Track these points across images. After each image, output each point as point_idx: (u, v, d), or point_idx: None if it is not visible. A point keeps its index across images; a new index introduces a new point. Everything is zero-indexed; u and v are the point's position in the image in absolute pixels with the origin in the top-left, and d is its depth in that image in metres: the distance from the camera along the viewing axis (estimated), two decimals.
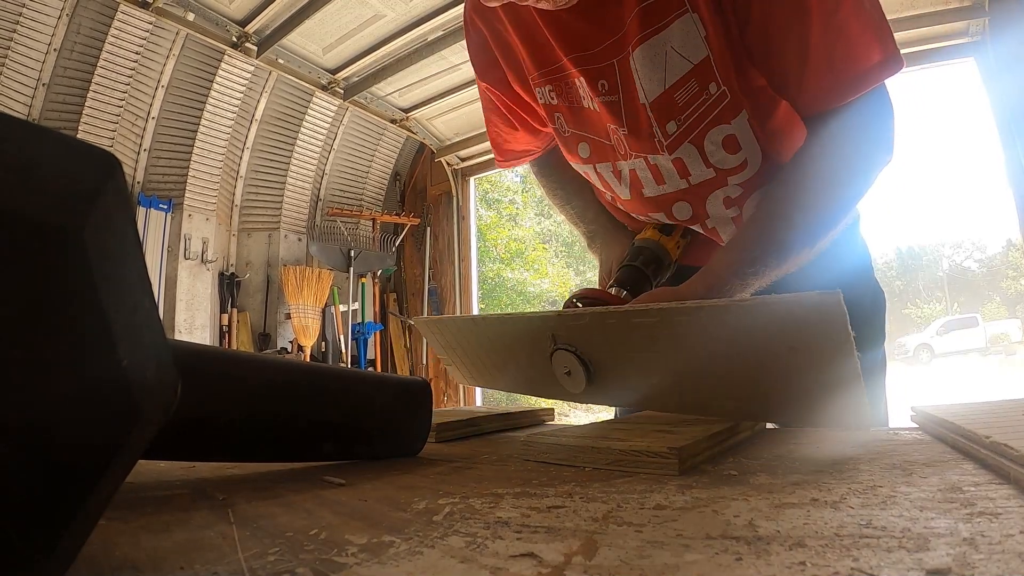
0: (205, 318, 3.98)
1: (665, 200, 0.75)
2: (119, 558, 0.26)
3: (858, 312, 0.81)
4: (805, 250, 0.61)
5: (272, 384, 0.44)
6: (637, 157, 0.72)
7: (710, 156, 0.69)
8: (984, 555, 0.21)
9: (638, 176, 0.74)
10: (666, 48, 0.63)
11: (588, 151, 0.77)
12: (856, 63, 0.60)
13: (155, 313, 0.23)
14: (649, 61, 0.64)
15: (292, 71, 3.95)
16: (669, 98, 0.65)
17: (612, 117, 0.70)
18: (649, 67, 0.64)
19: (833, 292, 0.36)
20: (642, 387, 0.56)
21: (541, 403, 0.89)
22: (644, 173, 0.73)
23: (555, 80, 0.74)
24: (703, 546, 0.24)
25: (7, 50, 3.15)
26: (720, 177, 0.70)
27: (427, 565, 0.24)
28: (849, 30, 0.59)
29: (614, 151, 0.74)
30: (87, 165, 0.19)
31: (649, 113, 0.67)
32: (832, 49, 0.59)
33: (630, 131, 0.69)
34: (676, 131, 0.67)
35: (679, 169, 0.71)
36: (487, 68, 0.84)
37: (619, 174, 0.76)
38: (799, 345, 0.41)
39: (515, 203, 12.41)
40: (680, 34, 0.62)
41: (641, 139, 0.69)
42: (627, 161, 0.73)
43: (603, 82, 0.68)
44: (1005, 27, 2.84)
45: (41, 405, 0.18)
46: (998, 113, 2.97)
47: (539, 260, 11.45)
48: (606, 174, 0.77)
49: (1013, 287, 31.00)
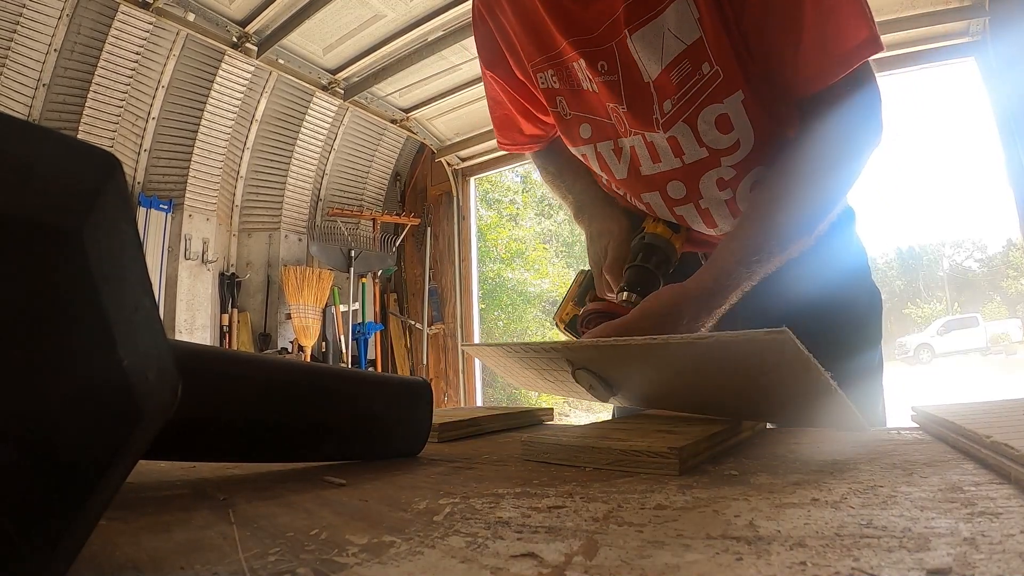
0: (205, 318, 3.98)
1: (660, 178, 0.76)
2: (120, 558, 0.26)
3: (854, 314, 0.83)
4: (805, 236, 0.63)
5: (273, 384, 0.44)
6: (636, 134, 0.74)
7: (703, 135, 0.71)
8: (985, 555, 0.21)
9: (636, 153, 0.76)
10: (663, 31, 0.66)
11: (589, 131, 0.79)
12: (846, 41, 0.63)
13: (155, 313, 0.23)
14: (649, 43, 0.67)
15: (292, 71, 3.95)
16: (665, 77, 0.68)
17: (612, 95, 0.72)
18: (649, 49, 0.67)
19: (781, 330, 0.37)
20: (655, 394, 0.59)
21: (541, 403, 0.90)
22: (642, 151, 0.75)
23: (556, 64, 0.76)
24: (704, 546, 0.24)
25: (7, 50, 3.16)
26: (713, 157, 0.72)
27: (428, 565, 0.24)
28: (840, 9, 0.62)
29: (615, 129, 0.76)
30: (87, 165, 0.19)
31: (652, 91, 0.70)
32: (824, 28, 0.62)
33: (629, 108, 0.72)
34: (671, 110, 0.70)
35: (673, 148, 0.73)
36: (495, 62, 0.86)
37: (620, 151, 0.78)
38: (767, 369, 0.43)
39: (515, 203, 12.41)
40: (675, 16, 0.65)
41: (639, 116, 0.72)
42: (627, 138, 0.75)
43: (603, 63, 0.71)
44: (1005, 27, 2.84)
45: (42, 406, 0.18)
46: (998, 113, 2.97)
47: (539, 260, 11.45)
48: (606, 153, 0.79)
49: (1014, 287, 31.00)
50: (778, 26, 0.63)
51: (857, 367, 0.80)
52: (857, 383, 0.79)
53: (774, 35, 0.64)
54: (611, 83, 0.71)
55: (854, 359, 0.80)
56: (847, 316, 0.81)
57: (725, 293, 0.61)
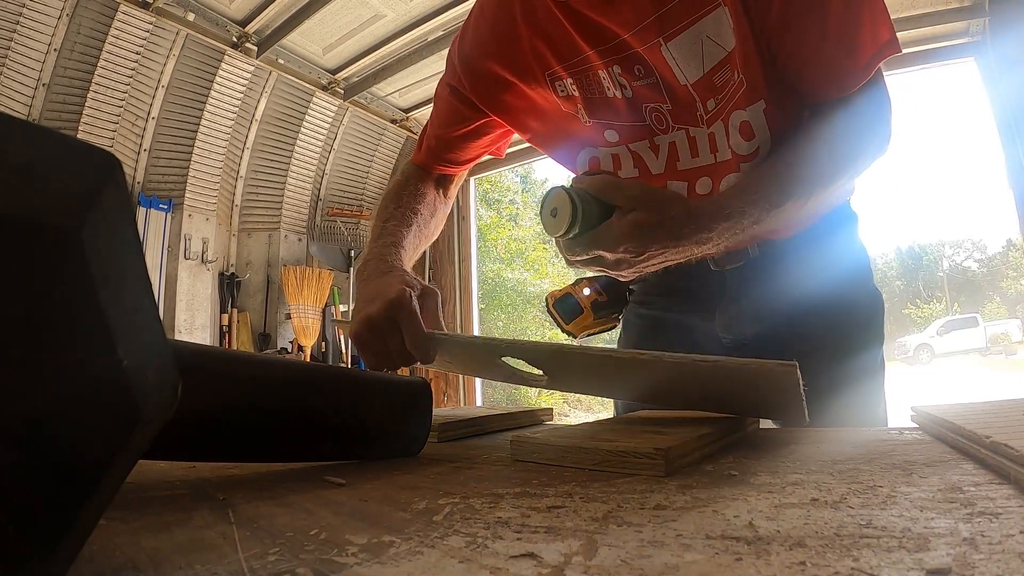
0: (205, 318, 3.97)
1: (694, 173, 0.77)
2: (120, 558, 0.26)
3: (856, 316, 0.84)
4: (800, 200, 0.64)
5: (273, 384, 0.44)
6: (680, 129, 0.75)
7: (730, 138, 0.73)
8: (984, 555, 0.21)
9: (676, 148, 0.77)
10: (701, 37, 0.67)
11: (616, 136, 0.79)
12: (866, 49, 0.64)
13: (155, 313, 0.23)
14: (686, 50, 0.68)
15: (292, 71, 3.95)
16: (709, 80, 0.70)
17: (654, 95, 0.73)
18: (687, 55, 0.68)
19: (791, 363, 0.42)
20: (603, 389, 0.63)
21: (541, 403, 0.90)
22: (683, 144, 0.76)
23: (577, 73, 0.76)
24: (703, 546, 0.24)
25: (7, 50, 3.15)
26: (735, 160, 0.73)
27: (427, 565, 0.24)
28: (862, 16, 0.63)
29: (650, 129, 0.77)
30: (87, 165, 0.19)
31: (692, 92, 0.71)
32: (844, 36, 0.64)
33: (674, 105, 0.73)
34: (714, 108, 0.72)
35: (711, 143, 0.74)
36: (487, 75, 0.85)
37: (657, 148, 0.78)
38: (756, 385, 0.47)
39: (515, 203, 12.41)
40: (714, 24, 0.66)
41: (685, 111, 0.73)
42: (667, 135, 0.76)
43: (639, 67, 0.72)
44: (1005, 27, 2.84)
45: (42, 406, 0.18)
46: (998, 113, 2.97)
47: (539, 260, 11.44)
48: (642, 151, 0.79)
49: (1013, 287, 31.00)
50: (800, 32, 0.65)
51: (858, 368, 0.81)
52: (858, 383, 0.80)
53: (796, 42, 0.66)
54: (651, 85, 0.72)
55: (855, 360, 0.81)
56: (849, 318, 0.82)
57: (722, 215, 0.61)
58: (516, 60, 0.79)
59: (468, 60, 0.84)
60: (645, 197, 0.60)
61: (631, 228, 0.59)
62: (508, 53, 0.79)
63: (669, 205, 0.61)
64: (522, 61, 0.79)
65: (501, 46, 0.80)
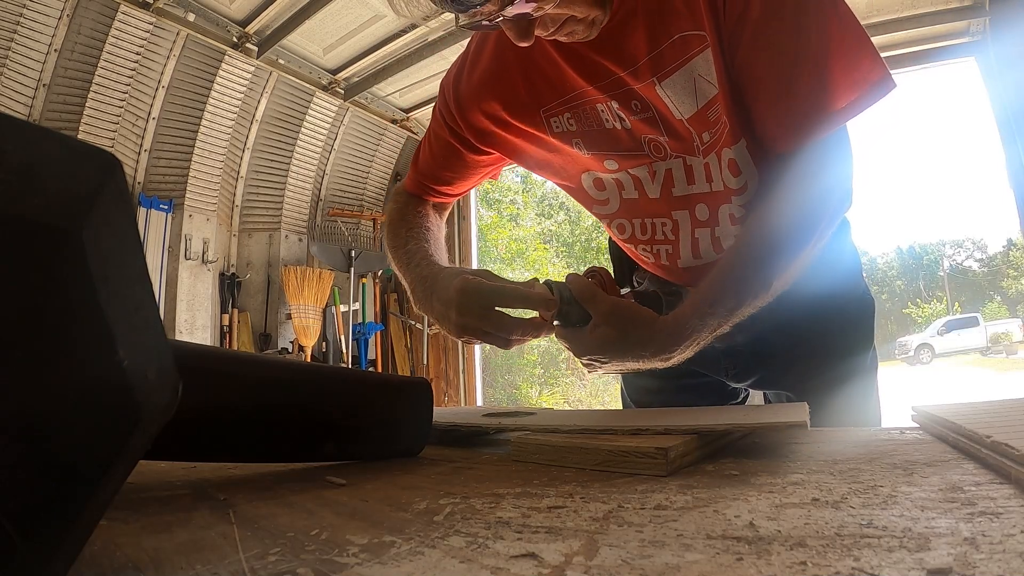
0: (206, 318, 3.98)
1: (690, 199, 0.79)
2: (121, 558, 0.26)
3: (846, 318, 0.87)
4: (763, 293, 0.66)
5: (273, 385, 0.44)
6: (676, 157, 0.77)
7: (722, 172, 0.75)
8: (985, 555, 0.21)
9: (672, 175, 0.78)
10: (694, 75, 0.68)
11: (616, 164, 0.80)
12: (832, 102, 0.64)
13: (156, 314, 0.23)
14: (680, 88, 0.70)
15: (293, 71, 3.95)
16: (703, 115, 0.71)
17: (651, 129, 0.75)
18: (681, 93, 0.70)
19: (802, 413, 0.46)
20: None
21: (542, 403, 0.90)
22: (679, 172, 0.78)
23: (574, 107, 0.77)
24: (704, 546, 0.24)
25: (8, 50, 3.16)
26: (726, 193, 0.76)
27: (428, 565, 0.24)
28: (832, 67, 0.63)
29: (649, 157, 0.78)
30: (87, 165, 0.19)
31: (687, 125, 0.73)
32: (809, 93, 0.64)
33: (671, 137, 0.75)
34: (709, 140, 0.74)
35: (707, 173, 0.76)
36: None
37: (654, 174, 0.80)
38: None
39: (516, 203, 12.41)
40: (704, 64, 0.68)
41: (682, 142, 0.75)
42: (665, 161, 0.78)
43: (635, 102, 0.73)
44: (1005, 27, 2.84)
45: (42, 406, 0.18)
46: (998, 112, 2.97)
47: (540, 260, 11.44)
48: (642, 175, 0.80)
49: (1014, 287, 30.99)
50: (763, 77, 0.66)
51: (850, 369, 0.85)
52: (851, 384, 0.84)
53: (758, 86, 0.67)
54: (649, 119, 0.74)
55: (847, 360, 0.85)
56: (840, 320, 0.85)
57: (684, 336, 0.64)
58: (511, 97, 0.80)
59: (462, 98, 0.84)
60: (614, 317, 0.65)
61: (598, 342, 0.65)
62: (503, 90, 0.80)
63: (633, 327, 0.65)
64: (517, 98, 0.79)
65: (496, 84, 0.80)
